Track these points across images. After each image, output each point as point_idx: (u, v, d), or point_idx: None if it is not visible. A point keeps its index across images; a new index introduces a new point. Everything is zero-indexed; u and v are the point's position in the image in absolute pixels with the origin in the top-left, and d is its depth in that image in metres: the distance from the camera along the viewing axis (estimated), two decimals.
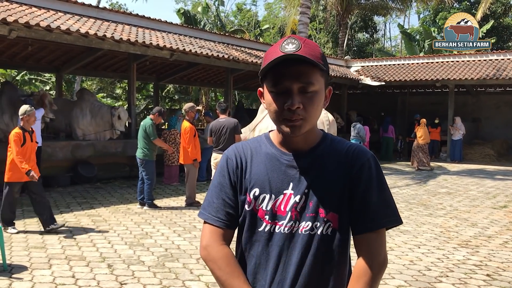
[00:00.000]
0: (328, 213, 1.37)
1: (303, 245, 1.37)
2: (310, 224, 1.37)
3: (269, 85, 1.37)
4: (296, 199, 1.38)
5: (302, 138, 1.40)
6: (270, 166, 1.43)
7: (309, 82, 1.33)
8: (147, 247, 5.77)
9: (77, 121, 11.68)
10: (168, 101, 27.25)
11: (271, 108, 1.36)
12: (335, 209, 1.38)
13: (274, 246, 1.39)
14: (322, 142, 1.44)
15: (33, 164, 6.28)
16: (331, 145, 1.44)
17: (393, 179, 12.70)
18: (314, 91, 1.34)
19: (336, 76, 18.15)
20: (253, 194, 1.42)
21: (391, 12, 26.44)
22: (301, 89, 1.33)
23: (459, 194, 10.38)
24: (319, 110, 1.38)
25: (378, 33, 41.06)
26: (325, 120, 7.95)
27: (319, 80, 1.36)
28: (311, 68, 1.32)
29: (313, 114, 1.36)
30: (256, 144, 1.49)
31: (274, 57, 1.31)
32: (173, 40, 12.63)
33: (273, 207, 1.40)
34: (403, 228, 7.06)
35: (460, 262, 5.42)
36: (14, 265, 4.97)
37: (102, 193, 9.60)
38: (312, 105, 1.35)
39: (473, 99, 20.48)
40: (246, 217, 1.43)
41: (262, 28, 33.37)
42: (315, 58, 1.32)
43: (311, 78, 1.33)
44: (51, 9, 10.79)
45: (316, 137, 1.44)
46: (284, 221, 1.39)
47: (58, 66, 14.63)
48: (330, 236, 1.38)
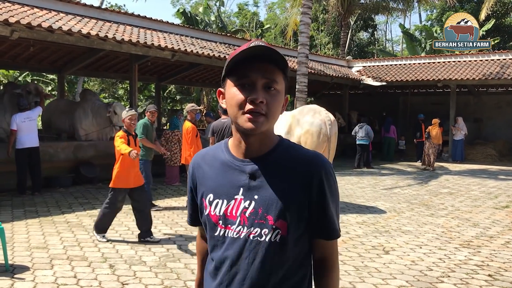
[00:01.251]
0: (277, 220, 1.37)
1: (251, 251, 1.38)
2: (258, 231, 1.37)
3: (233, 79, 1.38)
4: (245, 204, 1.39)
5: (257, 141, 1.41)
6: (223, 172, 1.45)
7: (274, 80, 1.36)
8: (149, 247, 5.78)
9: (80, 122, 11.72)
10: (170, 101, 27.27)
11: (233, 101, 1.37)
12: (285, 216, 1.37)
13: (227, 251, 1.41)
14: (277, 147, 1.44)
15: (137, 171, 6.12)
16: (287, 151, 1.43)
17: (395, 179, 12.69)
18: (277, 90, 1.37)
19: (338, 77, 18.17)
20: (208, 199, 1.46)
21: (392, 12, 26.42)
22: (265, 85, 1.35)
23: (461, 194, 10.36)
24: (279, 111, 1.40)
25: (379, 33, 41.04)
26: (327, 120, 7.95)
27: (282, 82, 1.40)
28: (276, 68, 1.36)
29: (274, 112, 1.37)
30: (215, 150, 1.52)
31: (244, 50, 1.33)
32: (174, 40, 12.65)
33: (226, 212, 1.42)
34: (405, 228, 7.06)
35: (461, 263, 5.42)
36: (16, 265, 4.98)
37: (103, 194, 9.58)
38: (274, 103, 1.36)
39: (475, 99, 20.46)
40: (206, 221, 1.48)
41: (263, 28, 33.37)
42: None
43: (275, 76, 1.36)
44: (53, 10, 10.82)
45: (271, 142, 1.44)
46: (234, 226, 1.40)
47: (60, 67, 14.65)
48: (278, 244, 1.37)
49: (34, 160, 9.11)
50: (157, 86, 19.02)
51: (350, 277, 4.83)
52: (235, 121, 1.38)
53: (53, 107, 13.17)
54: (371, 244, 6.13)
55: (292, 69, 15.01)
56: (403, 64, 20.62)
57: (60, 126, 12.40)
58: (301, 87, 13.08)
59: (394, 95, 22.35)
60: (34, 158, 9.11)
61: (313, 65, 17.90)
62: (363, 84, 19.56)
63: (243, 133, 1.40)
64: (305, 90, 13.11)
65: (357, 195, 10.02)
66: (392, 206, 8.87)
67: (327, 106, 10.83)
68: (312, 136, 7.79)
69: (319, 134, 7.77)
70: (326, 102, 21.51)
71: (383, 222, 7.49)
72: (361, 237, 6.46)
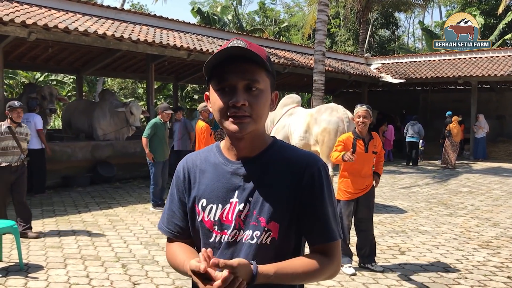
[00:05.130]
0: (269, 222, 1.33)
1: (244, 254, 1.33)
2: (251, 233, 1.34)
3: (214, 84, 1.34)
4: (240, 207, 1.35)
5: (248, 143, 1.37)
6: (216, 176, 1.41)
7: (254, 80, 1.31)
8: (162, 247, 5.78)
9: (98, 121, 11.85)
10: (188, 100, 27.38)
11: (215, 106, 1.34)
12: (277, 218, 1.33)
13: (222, 256, 1.36)
14: (270, 148, 1.40)
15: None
16: (280, 151, 1.39)
17: (414, 178, 12.50)
18: (260, 89, 1.32)
19: (356, 74, 17.98)
20: (201, 205, 1.41)
21: (412, 9, 26.05)
22: (246, 87, 1.31)
23: (482, 193, 10.14)
24: (266, 110, 1.36)
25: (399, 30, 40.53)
26: (345, 117, 7.84)
27: (265, 80, 1.34)
28: (256, 66, 1.31)
29: (260, 113, 1.33)
30: (207, 154, 1.47)
31: (219, 52, 1.29)
32: (190, 40, 12.67)
33: (221, 217, 1.37)
34: (422, 228, 6.93)
35: (480, 264, 5.28)
36: (30, 264, 5.03)
37: (120, 193, 9.68)
38: (258, 103, 1.32)
39: (497, 96, 20.00)
40: (199, 228, 1.42)
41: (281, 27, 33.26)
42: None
43: (256, 76, 1.31)
44: (70, 11, 10.93)
45: (263, 143, 1.41)
46: (229, 230, 1.36)
47: (78, 68, 14.83)
48: (268, 246, 1.34)
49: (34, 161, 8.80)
50: (175, 86, 19.11)
51: (364, 278, 4.75)
52: (221, 125, 1.35)
53: (72, 107, 13.36)
54: (387, 245, 6.02)
55: (309, 67, 14.92)
56: (423, 61, 20.29)
57: (79, 126, 12.57)
58: (318, 85, 12.96)
59: (414, 92, 22.02)
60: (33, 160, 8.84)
61: (330, 62, 17.75)
62: (382, 81, 19.32)
63: (231, 136, 1.37)
64: (322, 88, 12.99)
65: (375, 194, 9.85)
66: (410, 205, 8.72)
67: (346, 104, 10.72)
68: (329, 134, 7.70)
69: (336, 132, 7.67)
70: (345, 100, 21.28)
71: (400, 222, 7.36)
72: (377, 237, 6.32)
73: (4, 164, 5.87)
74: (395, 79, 18.86)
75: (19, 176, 6.01)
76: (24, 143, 6.11)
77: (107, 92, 13.26)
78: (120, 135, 11.90)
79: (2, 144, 5.91)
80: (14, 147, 5.97)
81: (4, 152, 5.91)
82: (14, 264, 5.02)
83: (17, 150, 6.00)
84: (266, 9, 40.45)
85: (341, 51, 24.59)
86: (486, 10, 28.07)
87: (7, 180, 5.94)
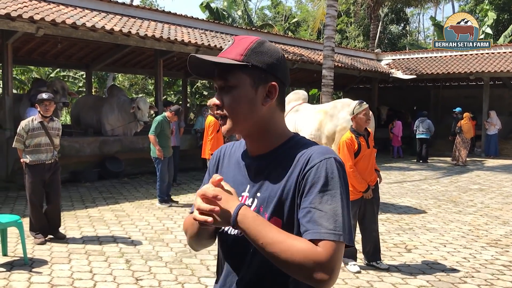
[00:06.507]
0: (271, 217, 1.28)
1: (249, 249, 1.29)
2: None
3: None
4: (248, 201, 1.34)
5: (253, 140, 1.37)
6: (234, 168, 1.43)
7: (224, 78, 1.32)
8: (167, 242, 5.77)
9: (106, 117, 11.89)
10: (198, 96, 27.39)
11: None
12: (278, 214, 1.28)
13: (229, 248, 1.36)
14: (285, 144, 1.36)
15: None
16: (294, 147, 1.34)
17: (423, 175, 12.37)
18: (231, 87, 1.31)
19: (366, 70, 17.84)
20: None
21: (423, 3, 25.77)
22: (221, 86, 1.33)
23: (492, 191, 10.00)
24: (244, 107, 1.31)
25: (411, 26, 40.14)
26: None
27: (238, 76, 1.31)
28: (227, 66, 1.31)
29: (236, 111, 1.31)
30: (237, 145, 1.48)
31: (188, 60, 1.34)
32: (198, 35, 12.64)
33: None
34: (430, 225, 6.84)
35: (487, 262, 5.20)
36: (35, 259, 5.05)
37: (128, 188, 9.70)
38: (230, 102, 1.31)
39: (510, 92, 19.72)
40: None
41: (290, 22, 33.11)
42: (234, 55, 1.30)
43: (226, 74, 1.31)
44: (78, 6, 10.96)
45: (276, 139, 1.37)
46: None
47: (87, 63, 14.89)
48: None
49: None
50: (184, 82, 19.10)
51: (369, 275, 4.69)
52: None
53: (81, 103, 13.42)
54: (393, 242, 5.95)
55: (319, 62, 14.82)
56: (434, 57, 20.07)
57: (88, 122, 12.62)
58: (327, 81, 12.86)
59: (425, 88, 21.80)
60: None
61: (340, 58, 17.63)
62: (392, 77, 19.14)
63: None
64: (331, 84, 12.89)
65: (383, 191, 9.77)
66: (419, 202, 8.63)
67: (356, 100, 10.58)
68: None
69: None
70: (355, 96, 21.06)
71: (408, 219, 7.28)
72: (384, 234, 6.28)
73: (37, 163, 5.53)
74: (406, 75, 18.68)
75: (52, 174, 5.67)
76: (57, 139, 5.71)
77: (115, 87, 13.30)
78: (128, 130, 11.93)
79: (34, 141, 5.51)
80: (47, 144, 5.58)
81: (37, 150, 5.53)
82: (18, 258, 5.04)
83: (50, 146, 5.60)
84: (277, 4, 40.29)
85: (352, 47, 24.37)
86: (500, 5, 27.70)
87: (41, 179, 5.59)
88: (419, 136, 15.55)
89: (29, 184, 5.58)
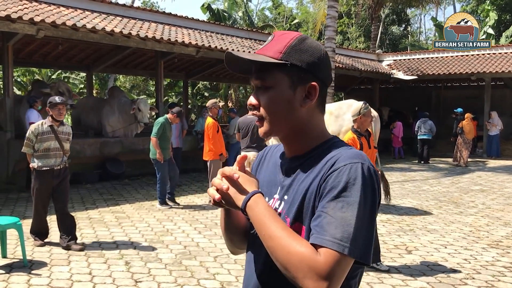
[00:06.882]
0: (294, 223, 1.22)
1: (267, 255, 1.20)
2: None
3: None
4: (276, 204, 1.29)
5: (289, 142, 1.31)
6: (271, 168, 1.39)
7: (262, 78, 1.25)
8: (167, 244, 5.76)
9: (107, 118, 11.89)
10: (199, 98, 27.40)
11: None
12: (301, 219, 1.21)
13: (254, 250, 1.33)
14: (319, 147, 1.28)
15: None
16: (327, 150, 1.26)
17: (425, 176, 12.35)
18: (267, 87, 1.25)
19: (367, 71, 17.82)
20: None
21: (425, 4, 25.73)
22: (258, 85, 1.27)
23: (493, 192, 9.97)
24: (282, 110, 1.25)
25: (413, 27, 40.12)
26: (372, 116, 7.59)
27: (276, 76, 1.24)
28: (264, 64, 1.24)
29: (272, 112, 1.25)
30: (280, 146, 1.42)
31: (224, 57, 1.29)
32: (199, 37, 12.64)
33: None
34: (431, 227, 6.82)
35: (488, 264, 5.17)
36: (34, 261, 5.04)
37: (128, 190, 9.70)
38: (266, 103, 1.25)
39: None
40: None
41: (291, 23, 33.11)
42: (273, 53, 1.23)
43: (263, 74, 1.25)
44: (78, 8, 10.95)
45: (313, 141, 1.29)
46: None
47: (88, 65, 14.89)
48: None
49: None
50: (185, 83, 19.09)
51: (369, 277, 4.67)
52: None
53: (82, 104, 13.43)
54: (394, 243, 5.93)
55: None
56: (435, 57, 20.03)
57: (88, 123, 12.62)
58: None
59: (426, 89, 21.76)
60: None
61: (341, 59, 17.61)
62: (393, 78, 19.11)
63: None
64: (332, 85, 12.88)
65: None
66: (420, 203, 8.61)
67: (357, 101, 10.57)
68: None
69: None
70: (356, 97, 20.93)
71: (409, 220, 7.26)
72: (384, 235, 6.26)
73: (46, 168, 5.35)
74: (407, 76, 18.65)
75: (61, 181, 5.46)
76: (67, 144, 5.51)
77: (116, 89, 13.31)
78: (128, 131, 11.93)
79: (43, 145, 5.32)
80: (56, 148, 5.38)
81: (45, 154, 5.34)
82: (18, 260, 5.03)
83: (59, 151, 5.41)
84: (277, 5, 40.28)
85: (353, 48, 24.35)
86: (501, 5, 27.66)
87: (48, 185, 5.40)
88: (420, 137, 15.50)
89: (36, 190, 5.45)
